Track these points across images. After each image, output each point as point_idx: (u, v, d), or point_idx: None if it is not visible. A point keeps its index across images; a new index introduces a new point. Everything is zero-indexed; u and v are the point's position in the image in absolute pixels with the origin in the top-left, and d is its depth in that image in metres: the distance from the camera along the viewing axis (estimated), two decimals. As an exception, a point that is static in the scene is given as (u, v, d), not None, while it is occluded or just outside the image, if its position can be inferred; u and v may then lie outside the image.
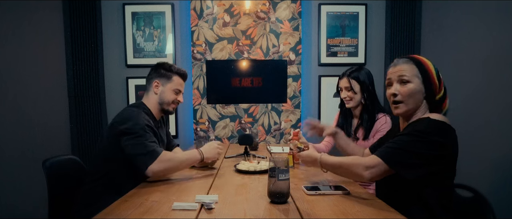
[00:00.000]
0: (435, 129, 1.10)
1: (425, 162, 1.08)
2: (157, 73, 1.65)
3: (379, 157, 1.13)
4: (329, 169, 1.31)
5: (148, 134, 1.44)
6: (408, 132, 1.13)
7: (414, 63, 1.18)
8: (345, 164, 1.21)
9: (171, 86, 1.64)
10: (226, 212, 1.04)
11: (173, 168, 1.46)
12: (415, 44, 2.79)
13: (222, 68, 2.78)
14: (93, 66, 2.69)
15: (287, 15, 2.77)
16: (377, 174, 1.13)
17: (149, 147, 1.39)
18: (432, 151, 1.08)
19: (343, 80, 1.90)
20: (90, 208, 1.35)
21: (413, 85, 1.17)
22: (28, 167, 2.31)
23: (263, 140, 2.81)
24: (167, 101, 1.64)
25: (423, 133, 1.08)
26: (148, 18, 2.75)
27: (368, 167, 1.13)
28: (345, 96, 1.90)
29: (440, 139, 1.08)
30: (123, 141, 1.41)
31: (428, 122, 1.12)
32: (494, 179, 2.03)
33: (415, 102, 1.18)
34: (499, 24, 2.03)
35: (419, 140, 1.08)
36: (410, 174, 1.09)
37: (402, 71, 1.18)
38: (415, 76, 1.17)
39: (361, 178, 1.17)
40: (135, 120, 1.44)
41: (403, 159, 1.09)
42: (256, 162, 1.71)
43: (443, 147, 1.08)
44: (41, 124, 2.48)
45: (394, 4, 2.78)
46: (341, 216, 1.00)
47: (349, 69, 1.93)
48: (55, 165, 1.55)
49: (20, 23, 2.37)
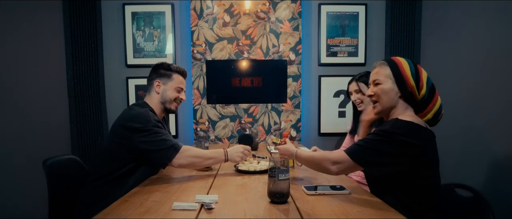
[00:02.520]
0: (400, 128, 1.13)
1: (390, 160, 1.12)
2: (157, 74, 1.67)
3: (346, 153, 1.19)
4: (303, 163, 1.40)
5: (163, 129, 1.51)
6: (375, 131, 1.19)
7: (388, 65, 1.24)
8: (315, 158, 1.30)
9: (173, 85, 1.67)
10: (226, 212, 1.04)
11: (198, 163, 1.54)
12: (415, 44, 2.79)
13: (222, 68, 2.78)
14: (93, 66, 2.69)
15: (287, 15, 2.77)
16: (343, 169, 1.21)
17: (169, 142, 1.46)
18: (395, 149, 1.11)
19: (352, 84, 2.01)
20: (91, 207, 1.35)
21: (384, 85, 1.23)
22: (28, 167, 2.31)
23: (263, 140, 2.81)
24: (170, 99, 1.66)
25: (387, 132, 1.13)
26: (148, 18, 2.75)
27: (335, 162, 1.21)
28: (355, 99, 2.00)
29: (405, 138, 1.11)
30: (138, 138, 1.44)
31: (394, 122, 1.17)
32: (494, 179, 2.03)
33: (389, 102, 1.24)
34: (499, 24, 2.03)
35: (383, 139, 1.13)
36: (375, 171, 1.16)
37: (376, 74, 1.27)
38: (388, 77, 1.23)
39: (329, 172, 1.24)
40: (146, 117, 1.48)
41: (368, 157, 1.15)
42: (256, 162, 1.71)
43: (408, 146, 1.11)
44: (41, 124, 2.48)
45: (394, 4, 2.78)
46: (341, 216, 1.00)
47: (357, 74, 2.04)
48: (56, 165, 1.55)
49: (20, 23, 2.37)
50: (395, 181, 1.17)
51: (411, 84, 1.20)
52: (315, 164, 1.30)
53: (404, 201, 1.16)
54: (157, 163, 1.52)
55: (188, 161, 1.49)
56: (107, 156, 1.53)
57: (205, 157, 1.53)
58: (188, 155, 1.48)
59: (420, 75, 1.21)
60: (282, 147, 1.48)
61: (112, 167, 1.48)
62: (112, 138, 1.52)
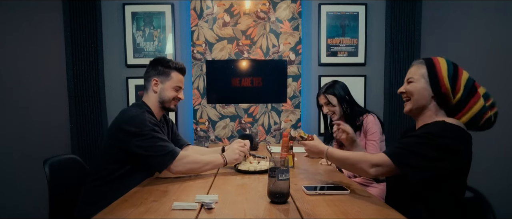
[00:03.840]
0: (447, 132, 1.08)
1: (432, 165, 1.07)
2: (155, 70, 1.61)
3: (387, 155, 1.13)
4: (334, 162, 1.32)
5: (160, 133, 1.47)
6: (419, 133, 1.13)
7: (425, 64, 1.19)
8: (351, 159, 1.22)
9: (171, 84, 1.61)
10: (226, 212, 1.04)
11: (196, 170, 1.52)
12: (415, 44, 2.79)
13: (222, 68, 2.78)
14: (93, 66, 2.69)
15: (287, 15, 2.77)
16: (382, 172, 1.15)
17: (167, 148, 1.44)
18: (440, 154, 1.06)
19: (321, 97, 2.02)
20: (91, 207, 1.35)
21: (417, 84, 1.19)
22: (29, 166, 2.31)
23: (263, 140, 2.81)
24: (168, 99, 1.61)
25: (433, 135, 1.07)
26: (148, 18, 2.75)
27: (374, 164, 1.14)
28: (327, 111, 2.01)
29: (451, 142, 1.06)
30: (135, 142, 1.41)
31: (442, 125, 1.12)
32: (494, 179, 2.03)
33: (421, 102, 1.19)
34: (499, 23, 2.03)
35: (428, 142, 1.07)
36: (414, 175, 1.08)
37: (410, 72, 1.22)
38: (421, 77, 1.18)
39: (366, 174, 1.18)
40: (142, 121, 1.44)
41: (410, 160, 1.09)
42: (256, 162, 1.71)
43: (453, 151, 1.06)
44: (41, 123, 2.48)
45: (394, 4, 2.78)
46: (341, 216, 1.00)
47: (323, 86, 2.04)
48: (56, 164, 1.54)
49: (20, 23, 2.37)
50: (429, 188, 1.11)
51: (446, 86, 1.14)
52: (350, 164, 1.23)
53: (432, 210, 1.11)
54: (153, 168, 1.50)
55: (186, 168, 1.48)
56: (105, 157, 1.51)
57: (203, 163, 1.51)
58: (186, 161, 1.46)
59: (459, 78, 1.15)
60: (310, 143, 1.38)
61: (110, 168, 1.47)
62: (108, 139, 1.50)
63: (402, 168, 1.10)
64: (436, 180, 1.09)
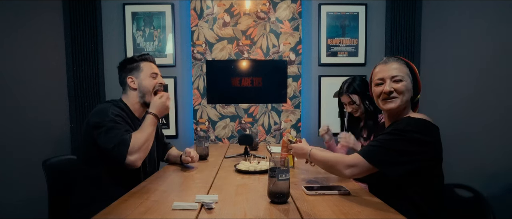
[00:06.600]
0: (415, 126, 1.13)
1: (406, 159, 1.11)
2: (125, 71, 1.60)
3: (360, 155, 1.17)
4: (316, 164, 1.37)
5: (119, 124, 1.40)
6: (389, 130, 1.18)
7: (404, 63, 1.24)
8: (329, 160, 1.27)
9: (145, 74, 1.58)
10: (226, 212, 1.04)
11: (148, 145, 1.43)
12: (415, 44, 2.79)
13: (222, 68, 2.78)
14: (93, 66, 2.69)
15: (287, 15, 2.77)
16: (357, 172, 1.18)
17: (117, 136, 1.35)
18: (412, 147, 1.11)
19: (343, 97, 1.99)
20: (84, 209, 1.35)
21: (406, 83, 1.21)
22: (28, 167, 2.31)
23: (263, 140, 2.81)
24: (148, 89, 1.58)
25: (402, 131, 1.12)
26: (148, 18, 2.75)
27: (349, 165, 1.18)
28: (351, 110, 1.99)
29: (420, 136, 1.11)
30: (96, 135, 1.37)
31: (407, 120, 1.17)
32: (494, 179, 2.03)
33: (406, 100, 1.23)
34: (499, 23, 2.03)
35: (399, 138, 1.12)
36: (392, 171, 1.12)
37: (396, 70, 1.22)
38: (407, 76, 1.22)
39: (342, 175, 1.23)
40: (104, 111, 1.41)
41: (384, 157, 1.13)
42: (256, 162, 1.71)
43: (424, 143, 1.11)
44: (41, 124, 2.48)
45: (394, 4, 2.78)
46: (341, 216, 1.00)
47: (344, 84, 1.99)
48: (55, 165, 1.55)
49: (20, 23, 2.37)
50: (409, 181, 1.14)
51: (420, 85, 1.23)
52: (329, 166, 1.27)
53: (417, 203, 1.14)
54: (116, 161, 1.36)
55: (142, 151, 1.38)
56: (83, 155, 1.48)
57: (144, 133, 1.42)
58: (137, 146, 1.36)
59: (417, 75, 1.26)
60: (296, 146, 1.46)
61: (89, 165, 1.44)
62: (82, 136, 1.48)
63: (378, 165, 1.14)
64: (414, 173, 1.12)
